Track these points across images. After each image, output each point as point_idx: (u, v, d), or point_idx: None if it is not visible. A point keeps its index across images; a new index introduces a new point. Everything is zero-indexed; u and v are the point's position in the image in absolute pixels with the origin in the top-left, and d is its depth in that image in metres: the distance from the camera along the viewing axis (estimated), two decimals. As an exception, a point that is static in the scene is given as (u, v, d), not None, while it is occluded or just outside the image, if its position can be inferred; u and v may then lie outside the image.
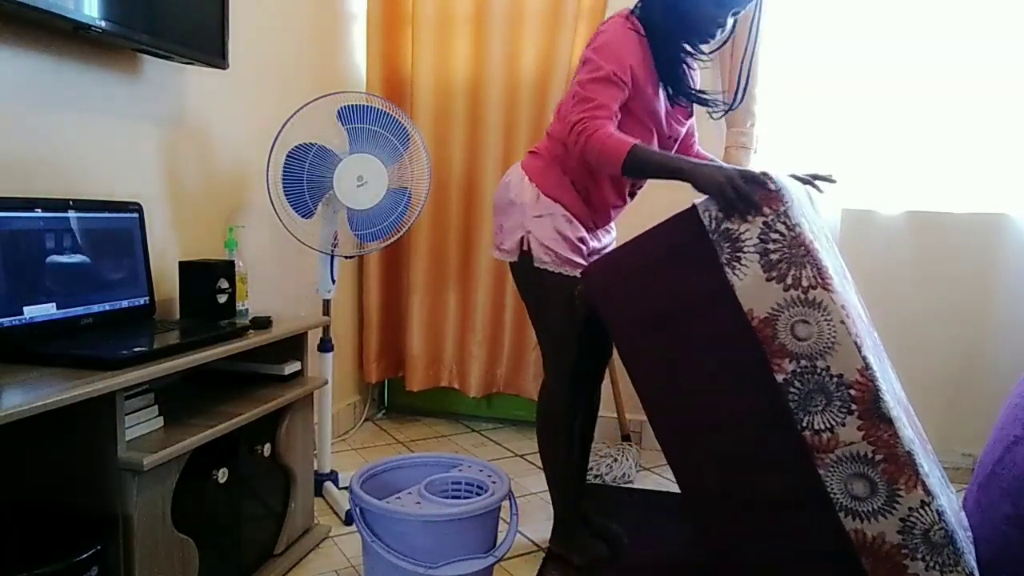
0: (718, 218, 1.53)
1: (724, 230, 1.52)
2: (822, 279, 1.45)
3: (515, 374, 2.99)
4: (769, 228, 1.49)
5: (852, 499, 1.45)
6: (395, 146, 2.17)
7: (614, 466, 2.55)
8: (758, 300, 1.49)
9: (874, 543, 1.45)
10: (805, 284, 1.46)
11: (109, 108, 1.78)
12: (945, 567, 1.41)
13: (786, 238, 1.48)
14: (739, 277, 1.51)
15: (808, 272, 1.46)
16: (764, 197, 1.50)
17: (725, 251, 1.52)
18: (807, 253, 1.46)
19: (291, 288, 2.52)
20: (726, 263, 1.52)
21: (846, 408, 1.44)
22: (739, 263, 1.51)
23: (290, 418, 1.85)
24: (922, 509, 1.41)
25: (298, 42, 2.56)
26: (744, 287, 1.50)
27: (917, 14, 2.56)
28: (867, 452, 1.43)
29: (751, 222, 1.50)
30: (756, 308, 1.50)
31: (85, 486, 1.34)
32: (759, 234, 1.49)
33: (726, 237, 1.52)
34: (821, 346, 1.45)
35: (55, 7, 1.44)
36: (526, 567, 1.93)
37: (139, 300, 1.72)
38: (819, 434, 1.46)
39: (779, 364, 1.48)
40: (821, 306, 1.45)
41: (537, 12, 2.80)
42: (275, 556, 1.86)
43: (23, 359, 1.34)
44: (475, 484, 1.80)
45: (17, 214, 1.44)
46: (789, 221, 1.48)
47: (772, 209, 1.49)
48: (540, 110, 2.81)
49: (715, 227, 1.53)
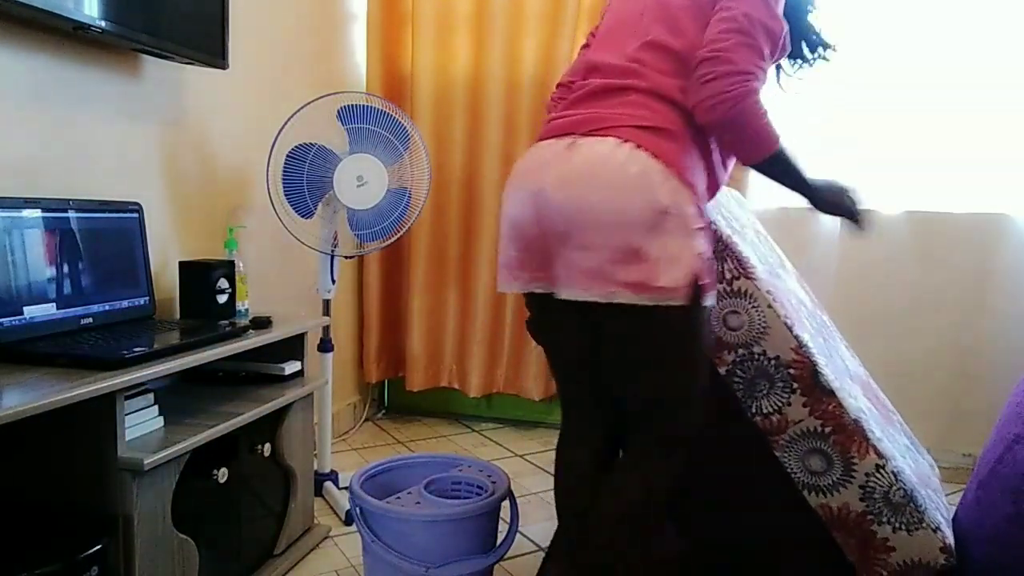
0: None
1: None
2: (743, 269, 1.50)
3: (515, 374, 2.99)
4: None
5: (811, 475, 1.49)
6: (395, 146, 2.17)
7: (614, 466, 2.55)
8: None
9: (840, 514, 1.48)
10: (728, 276, 1.50)
11: (109, 108, 1.78)
12: (911, 525, 1.46)
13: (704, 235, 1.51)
14: None
15: (729, 265, 1.50)
16: None
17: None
18: (725, 247, 1.50)
19: (291, 288, 2.52)
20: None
21: (788, 388, 1.48)
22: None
23: (290, 418, 1.85)
24: (878, 473, 1.45)
25: (298, 42, 2.56)
26: None
27: (917, 14, 2.56)
28: (816, 427, 1.48)
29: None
30: None
31: (85, 486, 1.34)
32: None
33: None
34: (754, 332, 1.49)
35: (55, 7, 1.44)
36: (526, 567, 1.92)
37: (139, 300, 1.72)
38: (768, 417, 1.50)
39: (719, 357, 1.52)
40: (747, 294, 1.50)
41: (537, 12, 2.80)
42: (275, 556, 1.86)
43: (23, 359, 1.34)
44: (475, 484, 1.80)
45: (17, 214, 1.44)
46: (721, 232, 1.53)
47: None
48: (540, 110, 2.81)
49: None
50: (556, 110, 1.43)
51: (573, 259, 1.26)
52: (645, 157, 1.23)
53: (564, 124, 1.34)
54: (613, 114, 1.29)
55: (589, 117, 1.31)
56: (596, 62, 1.40)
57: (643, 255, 1.21)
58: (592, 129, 1.28)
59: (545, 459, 2.74)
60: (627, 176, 1.22)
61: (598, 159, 1.24)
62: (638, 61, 1.33)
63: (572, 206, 1.24)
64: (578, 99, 1.37)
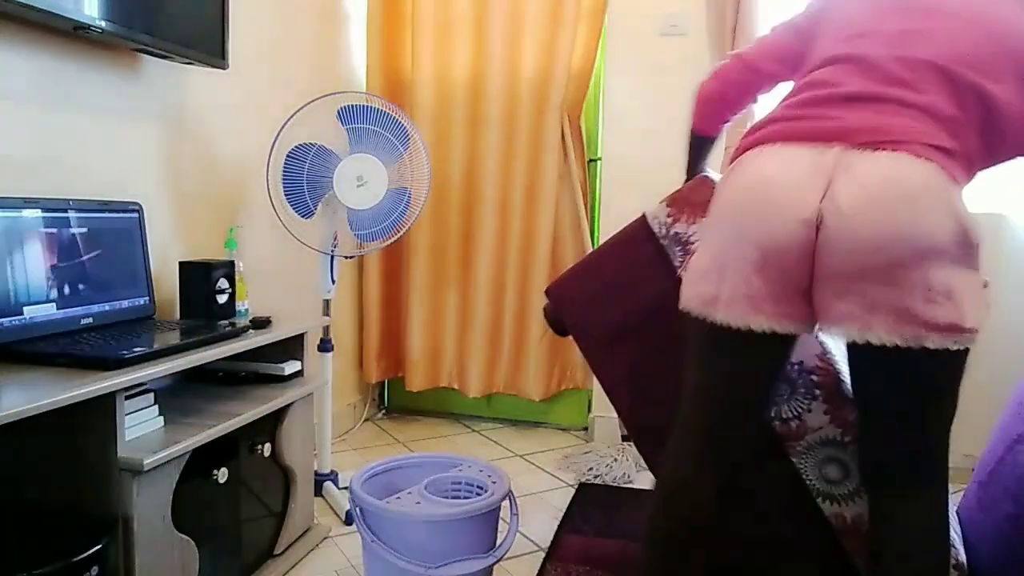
0: (667, 223, 1.57)
1: (674, 235, 1.57)
2: None
3: (515, 374, 2.99)
4: None
5: (827, 483, 1.48)
6: (395, 146, 2.17)
7: (614, 466, 2.55)
8: None
9: (854, 525, 1.47)
10: None
11: (109, 108, 1.78)
12: None
13: None
14: None
15: None
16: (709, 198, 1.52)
17: (677, 255, 1.57)
18: None
19: (291, 288, 2.52)
20: (680, 266, 1.56)
21: (810, 394, 1.46)
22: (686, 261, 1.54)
23: (290, 418, 1.85)
24: None
25: (298, 42, 2.56)
26: None
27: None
28: (836, 435, 1.46)
29: (699, 223, 1.52)
30: None
31: (85, 486, 1.34)
32: (693, 230, 1.54)
33: (677, 241, 1.57)
34: None
35: (55, 7, 1.44)
36: (526, 567, 1.92)
37: (139, 300, 1.72)
38: (787, 423, 1.48)
39: None
40: None
41: (537, 13, 2.80)
42: (275, 556, 1.86)
43: (23, 359, 1.35)
44: (475, 484, 1.80)
45: (17, 214, 1.44)
46: None
47: None
48: (540, 111, 2.81)
49: (665, 232, 1.57)
50: (787, 108, 1.24)
51: (875, 295, 1.08)
52: (948, 180, 1.08)
53: (818, 129, 1.16)
54: (896, 125, 1.12)
55: (865, 126, 1.13)
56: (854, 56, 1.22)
57: (952, 292, 1.06)
58: (873, 141, 1.11)
59: (545, 459, 2.74)
60: (938, 200, 1.06)
61: (905, 178, 1.07)
62: (916, 73, 1.17)
63: (882, 233, 1.06)
64: (827, 100, 1.19)
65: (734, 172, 1.22)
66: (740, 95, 1.48)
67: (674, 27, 2.73)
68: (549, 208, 2.85)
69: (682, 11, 2.71)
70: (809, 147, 1.14)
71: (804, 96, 1.23)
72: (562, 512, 2.25)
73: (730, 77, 1.47)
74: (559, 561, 1.92)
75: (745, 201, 1.17)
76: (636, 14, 2.76)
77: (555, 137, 2.81)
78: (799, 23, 1.40)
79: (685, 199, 1.59)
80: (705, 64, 2.71)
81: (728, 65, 1.48)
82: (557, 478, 2.55)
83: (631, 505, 2.30)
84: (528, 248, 2.90)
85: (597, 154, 2.93)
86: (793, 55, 1.38)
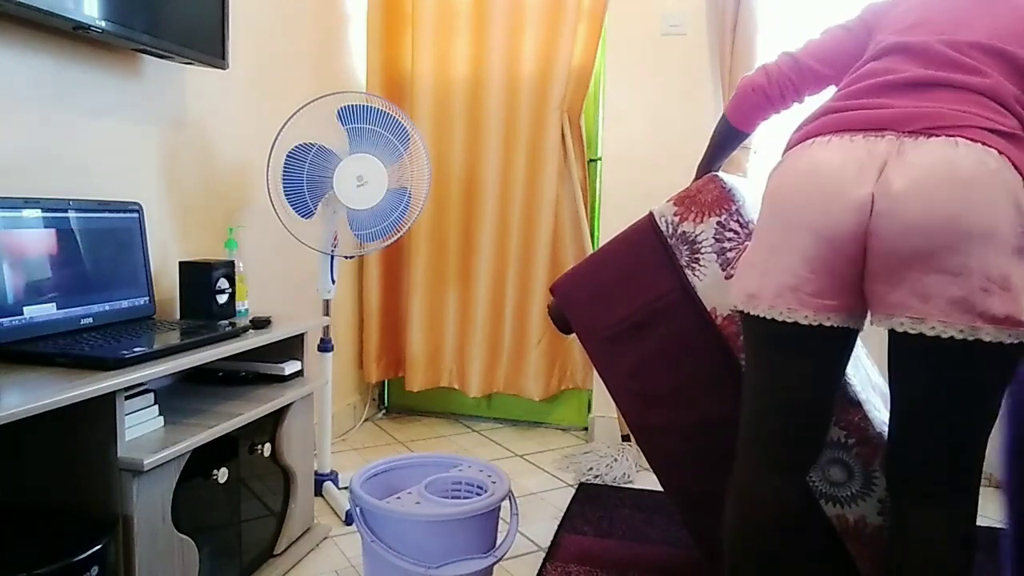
0: (674, 222, 1.57)
1: (681, 233, 1.57)
2: None
3: (515, 374, 2.98)
4: (723, 227, 1.54)
5: (831, 485, 1.48)
6: (395, 146, 2.17)
7: (614, 466, 2.55)
8: (720, 298, 1.54)
9: (856, 527, 1.47)
10: None
11: (109, 108, 1.78)
12: None
13: (740, 236, 1.53)
14: (699, 278, 1.55)
15: None
16: (717, 197, 1.54)
17: (684, 254, 1.57)
18: None
19: (291, 288, 2.52)
20: (686, 265, 1.57)
21: None
22: (698, 264, 1.55)
23: (290, 418, 1.85)
24: None
25: (298, 42, 2.56)
26: (705, 287, 1.55)
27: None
28: (840, 437, 1.46)
29: (705, 223, 1.53)
30: (719, 306, 1.54)
31: (85, 486, 1.34)
32: (714, 234, 1.54)
33: (683, 240, 1.57)
34: None
35: (55, 7, 1.44)
36: (526, 567, 1.93)
37: (139, 300, 1.72)
38: None
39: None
40: None
41: (537, 12, 2.80)
42: (275, 556, 1.86)
43: (23, 359, 1.35)
44: (475, 484, 1.80)
45: (17, 214, 1.44)
46: (742, 219, 1.53)
47: (724, 208, 1.53)
48: (540, 110, 2.81)
49: (672, 231, 1.58)
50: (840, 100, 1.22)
51: (929, 284, 1.05)
52: (1008, 165, 1.05)
53: (872, 118, 1.14)
54: (953, 110, 1.10)
55: (920, 113, 1.10)
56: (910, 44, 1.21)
57: (1010, 283, 1.03)
58: (928, 127, 1.08)
59: (545, 459, 2.74)
60: (996, 186, 1.03)
61: (959, 163, 1.05)
62: (972, 57, 1.16)
63: (938, 219, 1.03)
64: (881, 88, 1.18)
65: (784, 164, 1.20)
66: (784, 93, 1.44)
67: (674, 27, 2.73)
68: (549, 208, 2.85)
69: (682, 11, 2.71)
70: (862, 136, 1.13)
71: (858, 86, 1.21)
72: (562, 512, 2.25)
73: (779, 72, 1.43)
74: (559, 561, 1.92)
75: (797, 191, 1.15)
76: (636, 14, 2.76)
77: (555, 137, 2.81)
78: (852, 25, 1.39)
79: (692, 198, 1.58)
80: (705, 64, 2.71)
81: (778, 61, 1.45)
82: (557, 478, 2.55)
83: (631, 505, 2.30)
84: (528, 248, 2.90)
85: (597, 154, 2.93)
86: (844, 58, 1.37)
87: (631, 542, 2.04)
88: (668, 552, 1.99)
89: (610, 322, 1.66)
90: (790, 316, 1.16)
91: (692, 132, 2.73)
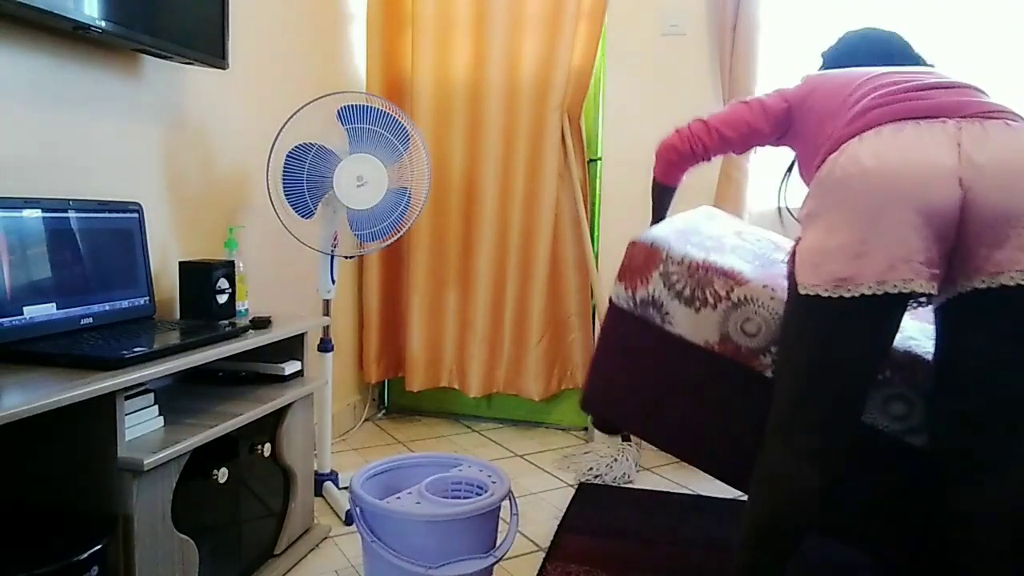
0: (628, 296, 1.69)
1: (640, 301, 1.68)
2: (733, 279, 1.59)
3: (515, 374, 2.99)
4: (666, 276, 1.65)
5: (895, 420, 1.48)
6: (395, 146, 2.17)
7: (614, 466, 2.55)
8: (704, 330, 1.62)
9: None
10: (723, 293, 1.58)
11: (109, 108, 1.78)
12: None
13: (683, 272, 1.63)
14: (677, 325, 1.64)
15: (717, 282, 1.59)
16: (645, 256, 1.66)
17: (654, 315, 1.66)
18: (706, 270, 1.61)
19: (291, 288, 2.52)
20: (662, 322, 1.65)
21: None
22: (669, 315, 1.65)
23: (290, 418, 1.85)
24: None
25: (298, 42, 2.56)
26: (688, 329, 1.63)
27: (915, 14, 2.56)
28: (882, 377, 1.46)
29: (651, 281, 1.66)
30: (709, 337, 1.61)
31: (85, 486, 1.34)
32: (664, 284, 1.65)
33: (646, 305, 1.66)
34: (774, 328, 1.54)
35: (55, 7, 1.44)
36: (526, 567, 1.93)
37: (139, 300, 1.72)
38: None
39: (759, 363, 1.56)
40: (749, 299, 1.56)
41: (537, 13, 2.80)
42: (275, 556, 1.86)
43: (23, 359, 1.35)
44: (475, 484, 1.80)
45: (17, 214, 1.44)
46: (675, 258, 1.64)
47: (658, 260, 1.66)
48: (540, 110, 2.81)
49: (633, 304, 1.69)
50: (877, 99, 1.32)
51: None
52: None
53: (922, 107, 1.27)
54: (986, 101, 1.27)
55: (964, 102, 1.26)
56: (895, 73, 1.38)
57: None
58: (980, 112, 1.24)
59: (545, 459, 2.74)
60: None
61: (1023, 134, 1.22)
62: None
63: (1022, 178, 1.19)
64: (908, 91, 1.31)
65: (856, 151, 1.26)
66: (695, 150, 1.67)
67: (674, 27, 2.73)
68: (549, 208, 2.85)
69: (682, 11, 2.71)
70: (926, 122, 1.24)
71: (884, 91, 1.32)
72: (562, 512, 2.25)
73: (690, 134, 1.67)
74: (559, 561, 1.92)
75: (891, 171, 1.21)
76: (636, 14, 2.76)
77: (555, 137, 2.81)
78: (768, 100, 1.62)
79: (629, 268, 1.70)
80: (705, 64, 2.71)
81: (690, 125, 1.68)
82: (557, 478, 2.55)
83: (631, 505, 2.30)
84: (528, 248, 2.90)
85: (597, 154, 2.93)
86: (746, 127, 1.62)
87: (631, 542, 2.04)
88: (668, 552, 1.99)
89: (641, 405, 1.72)
90: (905, 287, 1.21)
91: (692, 132, 2.73)
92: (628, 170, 2.81)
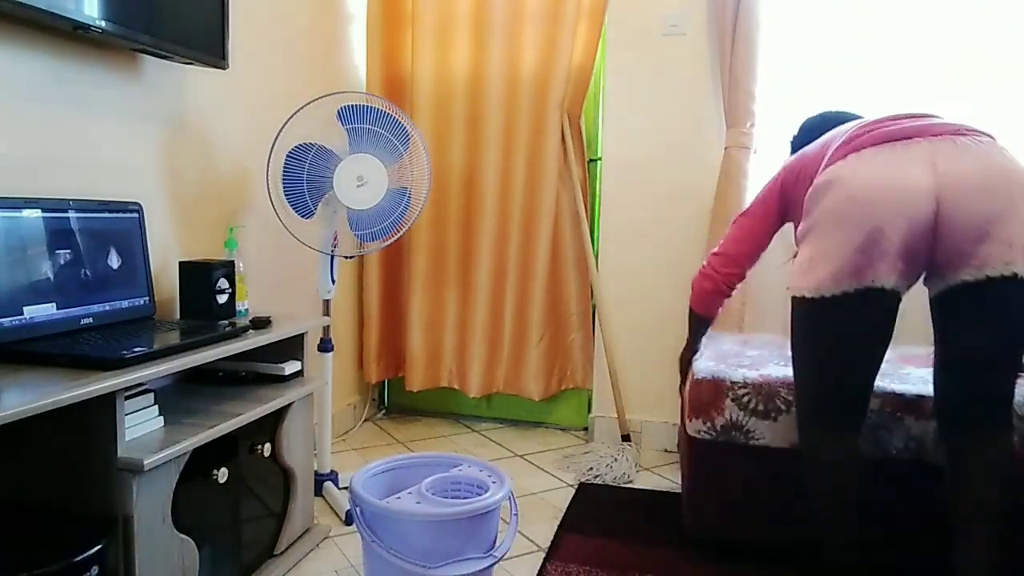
0: (707, 428, 1.88)
1: (721, 428, 1.87)
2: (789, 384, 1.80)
3: (515, 374, 2.98)
4: (736, 399, 1.85)
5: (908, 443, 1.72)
6: (395, 146, 2.17)
7: (614, 466, 2.55)
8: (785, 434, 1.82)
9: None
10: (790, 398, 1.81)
11: (109, 108, 1.78)
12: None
13: (751, 392, 1.84)
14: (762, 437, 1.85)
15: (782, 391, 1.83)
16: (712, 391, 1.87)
17: (738, 438, 1.86)
18: (768, 384, 1.84)
19: (291, 288, 2.52)
20: (745, 443, 1.85)
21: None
22: (753, 432, 1.85)
23: (290, 418, 1.85)
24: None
25: (298, 42, 2.56)
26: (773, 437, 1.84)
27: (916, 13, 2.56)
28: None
29: (726, 408, 1.86)
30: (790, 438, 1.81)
31: (85, 486, 1.34)
32: (738, 407, 1.84)
33: (727, 430, 1.86)
34: None
35: (55, 7, 1.44)
36: (526, 567, 1.93)
37: (139, 300, 1.72)
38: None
39: None
40: None
41: (537, 12, 2.80)
42: (275, 556, 1.86)
43: (23, 359, 1.35)
44: (475, 484, 1.80)
45: (17, 214, 1.44)
46: (738, 383, 1.86)
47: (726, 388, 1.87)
48: (540, 110, 2.81)
49: (715, 435, 1.87)
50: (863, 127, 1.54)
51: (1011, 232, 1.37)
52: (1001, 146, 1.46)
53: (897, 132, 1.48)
54: (956, 123, 1.48)
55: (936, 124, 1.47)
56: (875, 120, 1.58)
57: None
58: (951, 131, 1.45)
59: (545, 459, 2.74)
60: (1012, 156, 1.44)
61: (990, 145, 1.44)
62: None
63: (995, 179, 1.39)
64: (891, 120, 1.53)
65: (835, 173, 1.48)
66: (731, 283, 1.91)
67: (674, 27, 2.73)
68: (549, 208, 2.85)
69: (682, 11, 2.71)
70: (901, 144, 1.45)
71: (863, 127, 1.54)
72: (562, 512, 2.25)
73: (718, 273, 1.90)
74: (559, 561, 1.92)
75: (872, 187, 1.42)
76: (636, 14, 2.76)
77: (555, 137, 2.81)
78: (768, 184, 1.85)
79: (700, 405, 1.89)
80: (705, 64, 2.71)
81: (711, 263, 1.91)
82: (557, 478, 2.55)
83: (631, 505, 2.30)
84: (528, 248, 2.90)
85: (597, 154, 2.93)
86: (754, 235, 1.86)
87: (631, 542, 2.04)
88: (668, 552, 1.99)
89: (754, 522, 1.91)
90: (875, 284, 1.44)
91: (692, 132, 2.73)
92: (628, 170, 2.81)
